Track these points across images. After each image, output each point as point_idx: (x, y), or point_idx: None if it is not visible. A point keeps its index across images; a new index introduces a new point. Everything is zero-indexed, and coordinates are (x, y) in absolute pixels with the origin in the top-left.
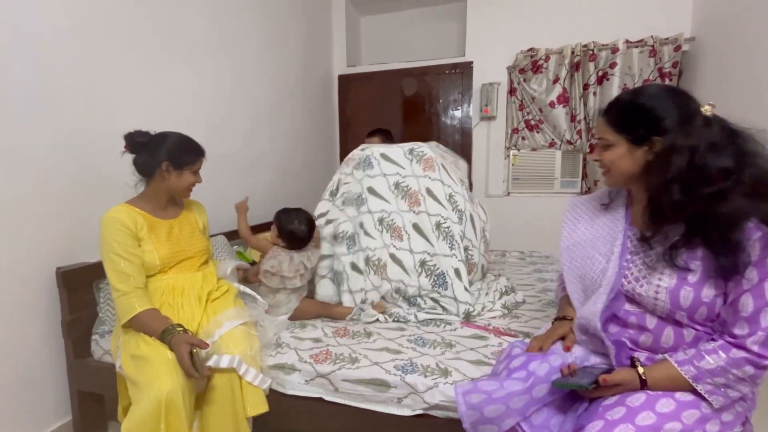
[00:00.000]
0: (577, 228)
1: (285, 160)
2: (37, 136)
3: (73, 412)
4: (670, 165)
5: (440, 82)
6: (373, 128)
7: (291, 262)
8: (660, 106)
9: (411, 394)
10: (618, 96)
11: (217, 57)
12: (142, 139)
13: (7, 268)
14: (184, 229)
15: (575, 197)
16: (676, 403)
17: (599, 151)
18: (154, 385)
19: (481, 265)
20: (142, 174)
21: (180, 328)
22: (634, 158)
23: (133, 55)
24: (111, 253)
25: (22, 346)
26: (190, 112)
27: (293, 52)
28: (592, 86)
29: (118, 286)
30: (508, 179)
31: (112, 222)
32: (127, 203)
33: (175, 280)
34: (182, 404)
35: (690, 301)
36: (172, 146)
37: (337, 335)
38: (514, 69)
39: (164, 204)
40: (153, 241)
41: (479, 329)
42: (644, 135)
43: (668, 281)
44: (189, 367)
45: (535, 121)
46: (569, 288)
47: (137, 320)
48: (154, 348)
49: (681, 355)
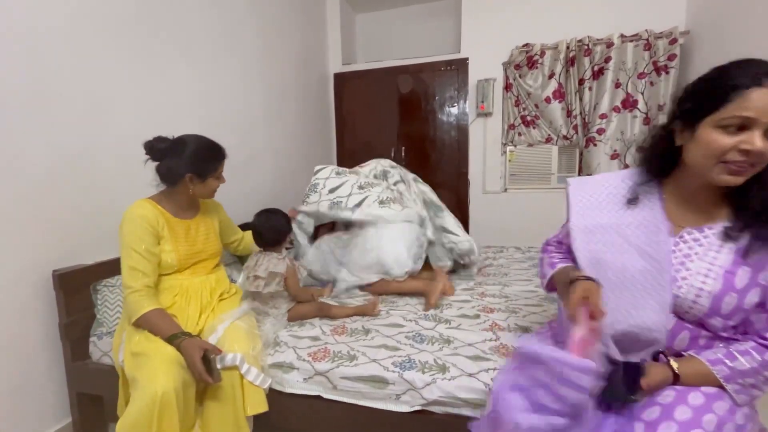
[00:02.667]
0: (594, 211)
1: (281, 160)
2: (32, 139)
3: (72, 414)
4: None
5: (436, 79)
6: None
7: (256, 263)
8: None
9: (409, 391)
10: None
11: (212, 57)
12: (162, 145)
13: (3, 272)
14: (200, 230)
15: (579, 177)
16: (704, 397)
17: (762, 137)
18: (150, 384)
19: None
20: (165, 182)
21: (187, 334)
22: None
23: (128, 54)
24: (129, 248)
25: (20, 350)
26: (186, 112)
27: (289, 51)
28: (588, 81)
29: (128, 282)
30: (505, 175)
31: (136, 217)
32: (150, 199)
33: (190, 282)
34: (176, 405)
35: (732, 307)
36: (194, 155)
37: (336, 333)
38: (509, 65)
39: (186, 205)
40: (172, 241)
41: None
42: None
43: (713, 285)
44: (202, 372)
45: (531, 117)
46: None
47: (145, 319)
48: (154, 345)
49: (711, 354)
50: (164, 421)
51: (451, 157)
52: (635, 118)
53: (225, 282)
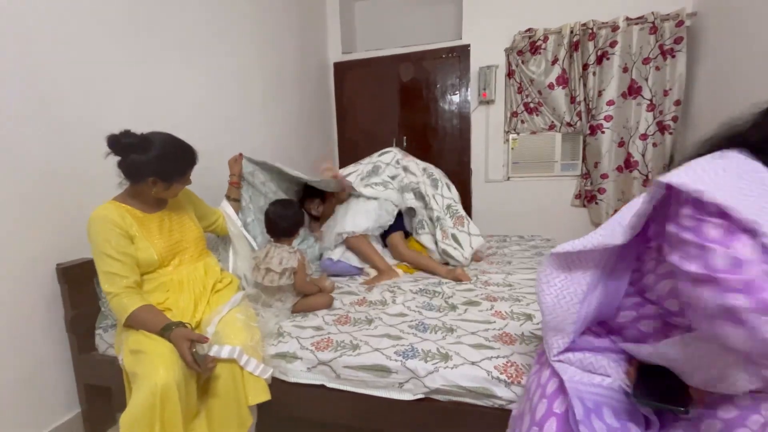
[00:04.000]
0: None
1: (281, 151)
2: (30, 132)
3: (81, 405)
4: None
5: (437, 66)
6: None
7: (266, 254)
8: None
9: (412, 379)
10: None
11: (209, 48)
12: (127, 140)
13: (8, 266)
14: (174, 219)
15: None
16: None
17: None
18: (150, 378)
19: (451, 234)
20: (127, 179)
21: (179, 324)
22: None
23: (124, 46)
24: (101, 253)
25: (28, 342)
26: (183, 105)
27: (287, 41)
28: (592, 66)
29: (106, 288)
30: (507, 164)
31: (100, 221)
32: (114, 200)
33: (178, 274)
34: (177, 397)
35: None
36: (160, 158)
37: (338, 323)
38: (512, 51)
39: (152, 200)
40: (146, 237)
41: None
42: None
43: None
44: (192, 362)
45: (534, 104)
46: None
47: (133, 319)
48: (151, 341)
49: None
50: (166, 413)
51: (453, 145)
52: (639, 105)
53: (215, 269)
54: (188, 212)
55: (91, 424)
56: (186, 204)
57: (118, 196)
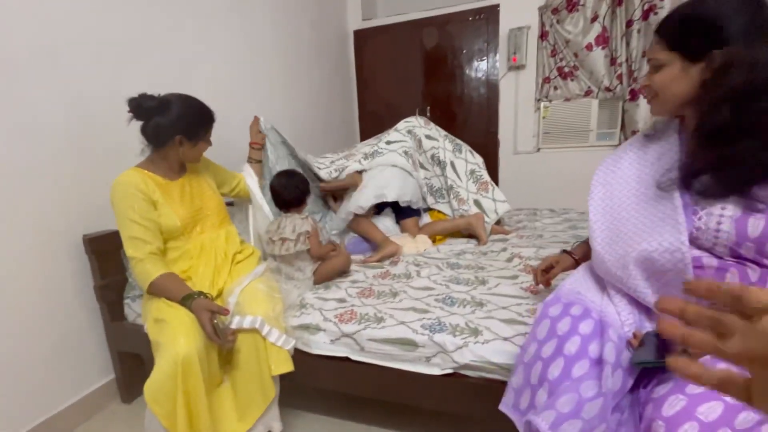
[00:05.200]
0: (620, 164)
1: (303, 123)
2: (50, 105)
3: (115, 371)
4: (726, 80)
5: (463, 30)
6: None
7: (278, 226)
8: (722, 15)
9: (440, 353)
10: (675, 8)
11: (225, 19)
12: (149, 103)
13: (37, 238)
14: (195, 187)
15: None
16: None
17: (649, 74)
18: (171, 347)
19: (473, 200)
20: (152, 143)
21: (200, 294)
22: (689, 78)
23: (140, 18)
24: (125, 219)
25: (61, 311)
26: (199, 78)
27: (305, 9)
28: (637, 22)
29: (131, 253)
30: (538, 134)
31: (124, 186)
32: (137, 167)
33: (202, 241)
34: (199, 367)
35: (761, 229)
36: (184, 117)
37: (362, 296)
38: (546, 9)
39: (175, 167)
40: (168, 203)
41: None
42: (702, 49)
43: (733, 209)
44: (212, 333)
45: (569, 68)
46: (597, 225)
47: (155, 286)
48: (173, 310)
49: None
50: (189, 382)
51: (480, 115)
52: None
53: (235, 238)
54: (208, 181)
55: (126, 389)
56: (205, 173)
57: (140, 164)
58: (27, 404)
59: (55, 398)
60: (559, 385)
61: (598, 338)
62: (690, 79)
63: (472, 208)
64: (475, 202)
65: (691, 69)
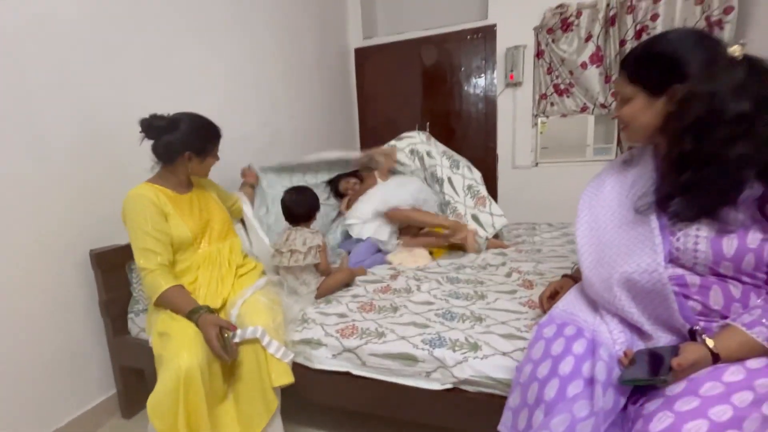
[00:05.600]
0: (603, 188)
1: (304, 138)
2: (61, 121)
3: (117, 386)
4: (687, 113)
5: (462, 48)
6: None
7: (287, 238)
8: (680, 51)
9: (440, 368)
10: (636, 45)
11: (232, 35)
12: (160, 123)
13: (44, 252)
14: (202, 200)
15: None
16: (746, 372)
17: (618, 106)
18: (174, 361)
19: (471, 215)
20: (163, 160)
21: (207, 309)
22: (654, 110)
23: (148, 35)
24: (138, 230)
25: (64, 326)
26: (206, 91)
27: (308, 28)
28: (630, 42)
29: (142, 264)
30: (536, 149)
31: (138, 199)
32: (148, 182)
33: (207, 252)
34: (201, 380)
35: (735, 248)
36: (192, 133)
37: (363, 310)
38: (541, 29)
39: (184, 182)
40: (179, 215)
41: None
42: (663, 84)
43: (707, 230)
44: (218, 348)
45: (564, 85)
46: (584, 248)
47: (164, 298)
48: (177, 323)
49: (747, 317)
50: (190, 396)
51: (478, 130)
52: None
53: (239, 250)
54: (213, 196)
55: (127, 404)
56: (209, 188)
57: (150, 179)
58: (29, 419)
59: (56, 413)
60: (555, 405)
61: (590, 358)
62: (655, 112)
63: (470, 223)
64: (472, 216)
65: (656, 102)
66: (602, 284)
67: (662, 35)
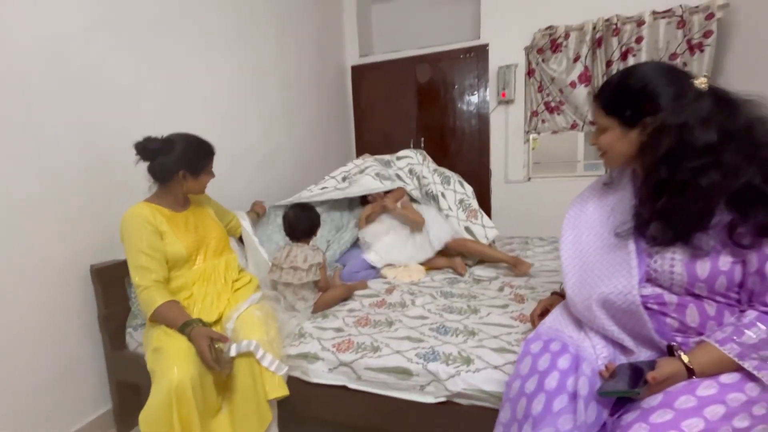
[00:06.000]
0: (586, 208)
1: (302, 154)
2: (62, 138)
3: (113, 401)
4: (659, 144)
5: (455, 67)
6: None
7: (288, 254)
8: (649, 86)
9: (433, 382)
10: (608, 78)
11: (231, 52)
12: (153, 145)
13: (45, 267)
14: (198, 217)
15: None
16: (719, 387)
17: (595, 134)
18: (166, 376)
19: (464, 227)
20: (158, 180)
21: (199, 322)
22: (629, 140)
23: (147, 52)
24: (134, 248)
25: (62, 340)
26: (207, 109)
27: (306, 46)
28: (616, 62)
29: (137, 281)
30: (528, 164)
31: (134, 218)
32: (145, 201)
33: (203, 269)
34: (192, 394)
35: (708, 271)
36: (185, 152)
37: (359, 325)
38: (531, 49)
39: (180, 200)
40: (174, 233)
41: None
42: (635, 116)
43: (682, 254)
44: (210, 360)
45: (555, 103)
46: (568, 268)
47: (158, 313)
48: (171, 339)
49: (719, 334)
50: (182, 410)
51: (472, 146)
52: None
53: (235, 265)
54: (210, 213)
55: (122, 419)
56: (206, 204)
57: (148, 198)
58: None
59: (52, 429)
60: (542, 419)
61: (574, 373)
62: (630, 141)
63: (464, 235)
64: (466, 229)
65: (630, 133)
66: (583, 304)
67: (633, 70)
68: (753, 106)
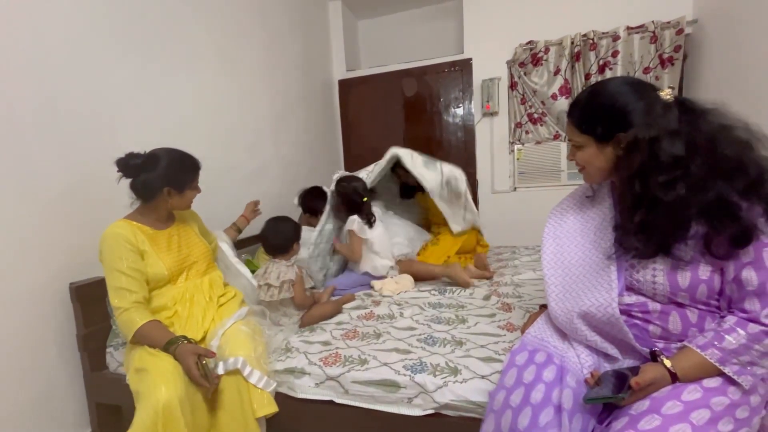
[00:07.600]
0: (566, 218)
1: (289, 168)
2: (44, 155)
3: (92, 424)
4: (633, 160)
5: (440, 80)
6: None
7: (265, 271)
8: (618, 103)
9: (421, 394)
10: (578, 96)
11: (218, 68)
12: (136, 161)
13: (23, 285)
14: (182, 235)
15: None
16: (702, 392)
17: (572, 151)
18: (152, 396)
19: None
20: (142, 198)
21: (184, 339)
22: (605, 156)
23: (133, 69)
24: (113, 269)
25: (40, 361)
26: (193, 125)
27: (293, 60)
28: (594, 75)
29: (116, 303)
30: (513, 174)
31: (114, 237)
32: (126, 218)
33: (185, 288)
34: (180, 414)
35: (689, 280)
36: (170, 168)
37: (346, 338)
38: (513, 63)
39: (164, 217)
40: (156, 253)
41: None
42: (608, 133)
43: (663, 264)
44: (198, 377)
45: (538, 114)
46: (551, 280)
47: (140, 334)
48: (154, 358)
49: (701, 339)
50: (169, 430)
51: (459, 157)
52: None
53: (219, 282)
54: (194, 230)
55: None
56: (191, 221)
57: (129, 215)
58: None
59: None
60: None
61: (559, 384)
62: (606, 157)
63: None
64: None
65: (606, 148)
66: (565, 316)
67: (600, 88)
68: (716, 115)
